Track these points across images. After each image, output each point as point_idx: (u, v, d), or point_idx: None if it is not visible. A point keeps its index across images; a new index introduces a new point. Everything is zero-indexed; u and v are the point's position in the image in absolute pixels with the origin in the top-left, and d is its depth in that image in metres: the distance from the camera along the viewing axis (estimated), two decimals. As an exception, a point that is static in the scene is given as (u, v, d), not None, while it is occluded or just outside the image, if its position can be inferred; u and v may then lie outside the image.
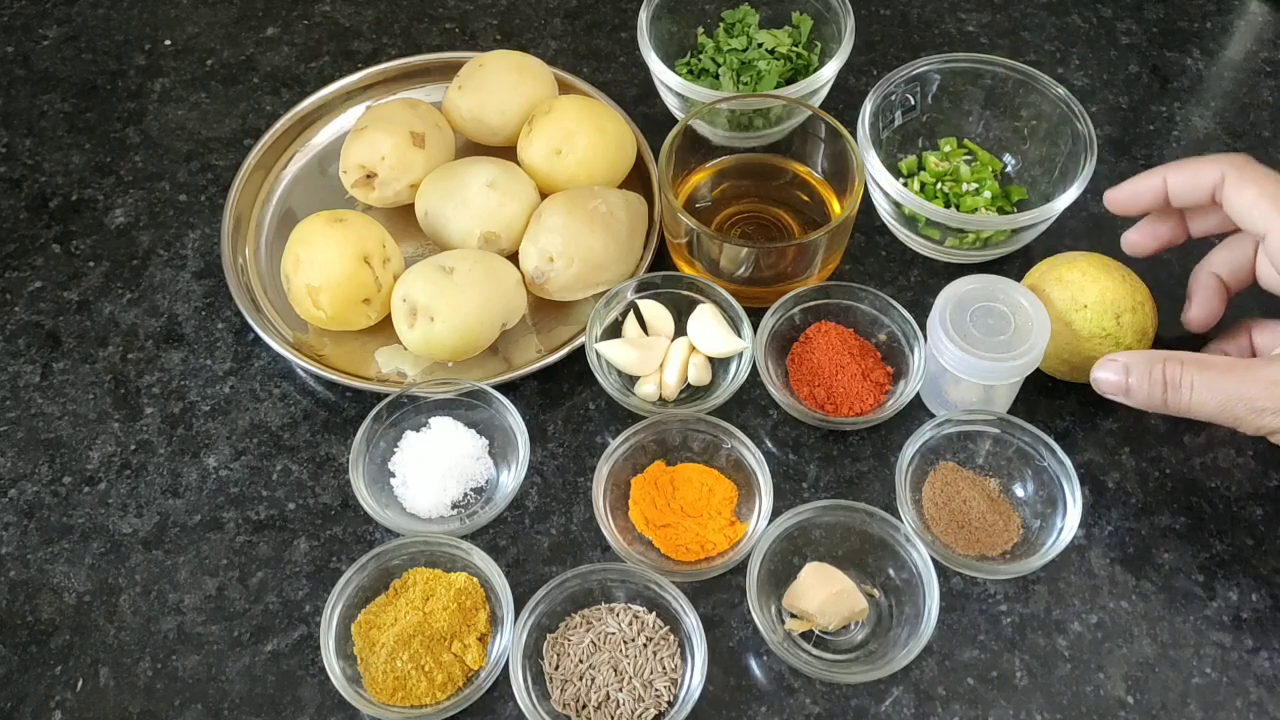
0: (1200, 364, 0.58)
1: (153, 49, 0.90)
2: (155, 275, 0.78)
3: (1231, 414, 0.58)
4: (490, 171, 0.73)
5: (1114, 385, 0.61)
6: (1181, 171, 0.64)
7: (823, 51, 0.82)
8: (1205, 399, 0.58)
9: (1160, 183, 0.65)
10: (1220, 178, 0.62)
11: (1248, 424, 0.57)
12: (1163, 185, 0.65)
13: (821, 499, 0.64)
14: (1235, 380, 0.57)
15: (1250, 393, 0.56)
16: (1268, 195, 0.60)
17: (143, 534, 0.67)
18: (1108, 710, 0.60)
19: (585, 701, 0.59)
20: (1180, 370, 0.59)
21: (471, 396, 0.68)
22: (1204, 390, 0.58)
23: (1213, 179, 0.63)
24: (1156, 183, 0.65)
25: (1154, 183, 0.65)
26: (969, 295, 0.65)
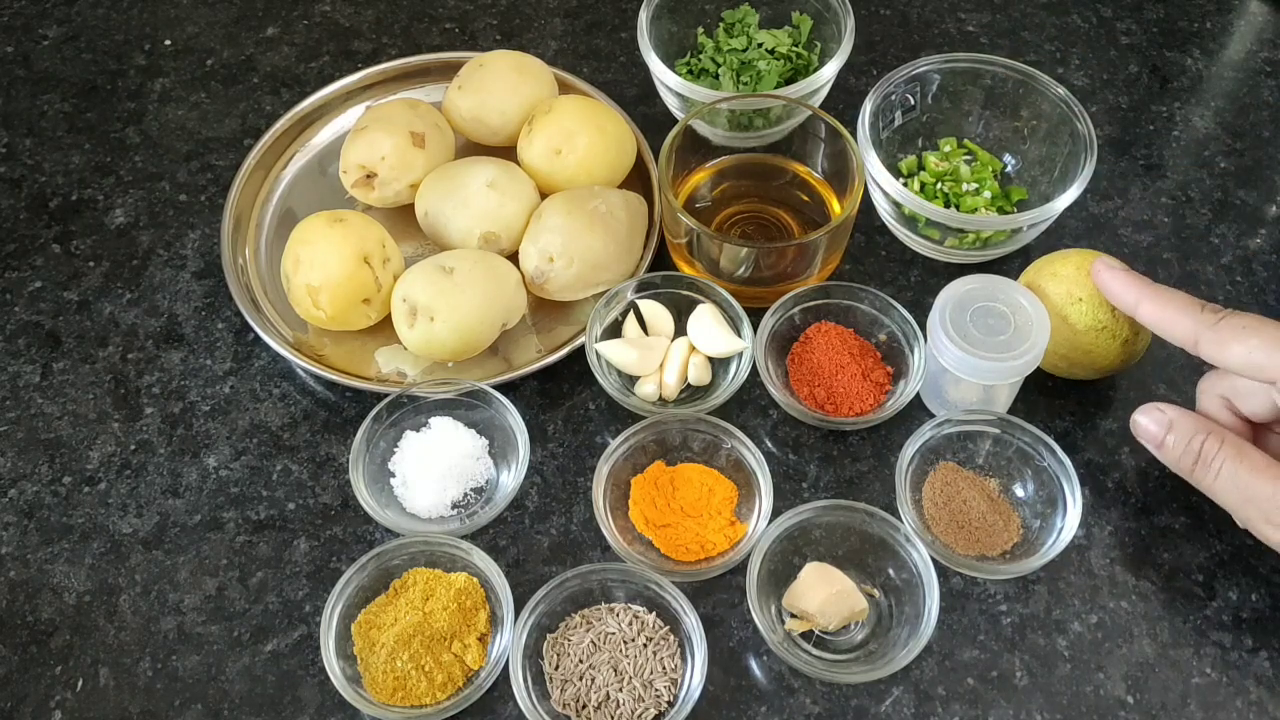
0: (1238, 451, 0.56)
1: (153, 49, 0.90)
2: (155, 275, 0.78)
3: (1245, 515, 0.56)
4: (490, 171, 0.73)
5: (1151, 436, 0.60)
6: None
7: (823, 51, 0.82)
8: (1228, 490, 0.56)
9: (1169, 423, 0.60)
10: (1194, 341, 0.58)
11: (1257, 530, 0.56)
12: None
13: (821, 499, 0.64)
14: (1262, 485, 0.55)
15: (1268, 504, 0.54)
16: (1256, 349, 0.55)
17: (143, 534, 0.67)
18: (1108, 710, 0.60)
19: (585, 701, 0.59)
20: (1217, 450, 0.56)
21: (471, 396, 0.68)
22: (1229, 480, 0.56)
23: (1187, 342, 0.59)
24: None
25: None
26: (969, 295, 0.65)
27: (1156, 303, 0.60)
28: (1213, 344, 0.57)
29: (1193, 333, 0.58)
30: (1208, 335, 0.57)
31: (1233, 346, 0.56)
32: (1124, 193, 0.80)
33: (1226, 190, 0.80)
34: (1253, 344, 0.55)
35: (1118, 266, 0.62)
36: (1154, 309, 0.60)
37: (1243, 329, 0.56)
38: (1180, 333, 0.58)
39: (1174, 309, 0.59)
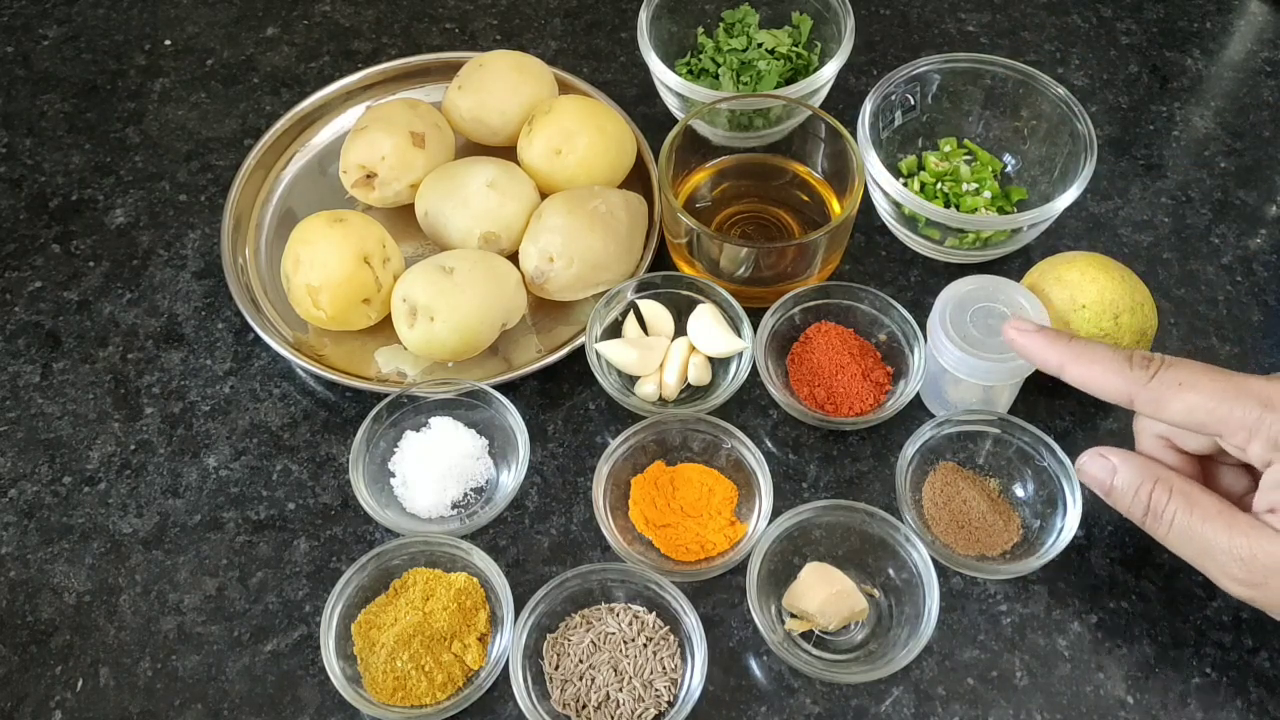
0: (1188, 500, 0.53)
1: (153, 49, 0.90)
2: (155, 275, 0.78)
3: (1202, 566, 0.53)
4: (490, 171, 0.73)
5: (1098, 484, 0.57)
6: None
7: (823, 51, 0.82)
8: (1182, 543, 0.53)
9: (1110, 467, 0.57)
10: (1128, 400, 0.55)
11: (1217, 582, 0.53)
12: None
13: (821, 499, 0.64)
14: (1214, 534, 0.52)
15: (1224, 557, 0.51)
16: (1196, 406, 0.53)
17: (143, 534, 0.67)
18: (1108, 710, 0.60)
19: (585, 701, 0.59)
20: (1167, 500, 0.53)
21: (471, 396, 0.68)
22: (1182, 533, 0.53)
23: (1121, 401, 0.55)
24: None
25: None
26: (969, 295, 0.65)
27: (1081, 363, 0.56)
28: (1149, 404, 0.54)
29: (1126, 392, 0.54)
30: (1142, 395, 0.54)
31: (1171, 405, 0.53)
32: (1124, 193, 0.80)
33: (1226, 190, 0.80)
34: (1191, 401, 0.52)
35: (1030, 328, 0.58)
36: (1081, 370, 0.56)
37: (1179, 385, 0.53)
38: (1112, 393, 0.55)
39: (1101, 368, 0.55)
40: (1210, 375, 0.53)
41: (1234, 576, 0.50)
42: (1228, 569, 0.50)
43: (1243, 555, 0.50)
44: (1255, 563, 0.49)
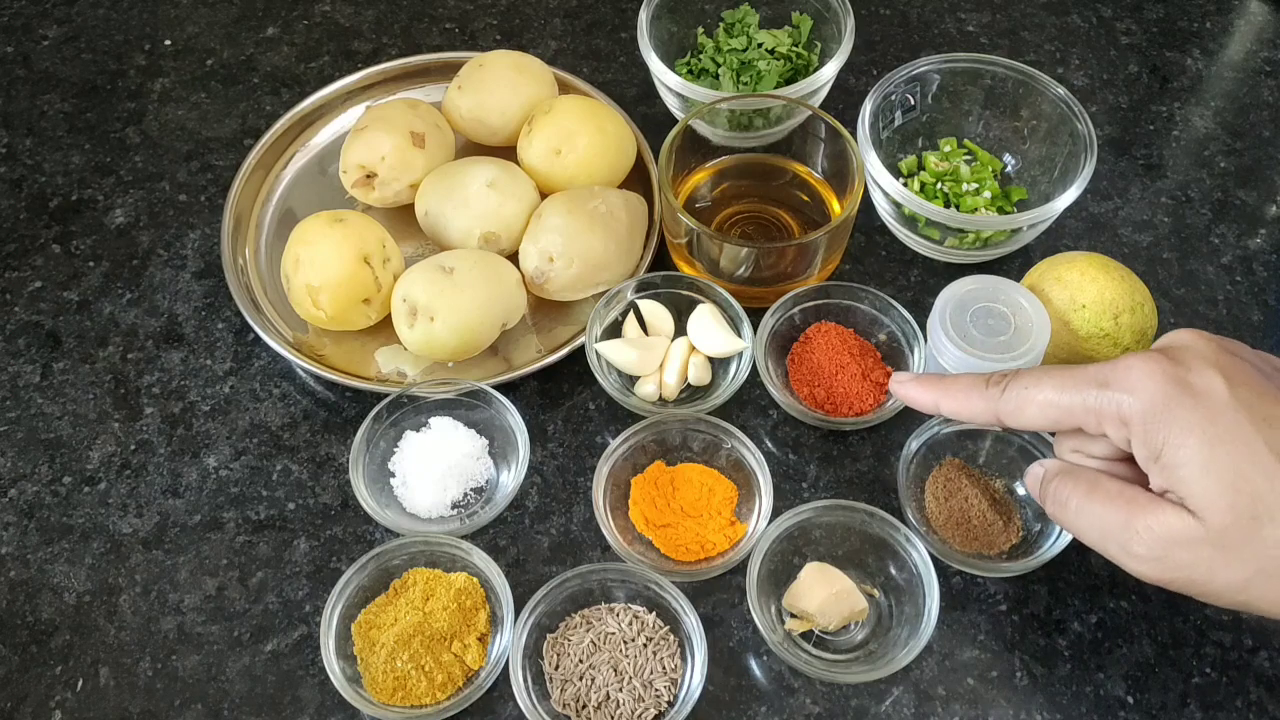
0: (1091, 486, 0.53)
1: (153, 49, 0.90)
2: (155, 275, 0.78)
3: (1105, 549, 0.52)
4: (490, 171, 0.73)
5: (1033, 491, 0.57)
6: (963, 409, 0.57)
7: (823, 51, 0.82)
8: (1084, 526, 0.53)
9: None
10: (996, 420, 0.55)
11: (1122, 562, 0.51)
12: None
13: (821, 499, 0.64)
14: (1113, 514, 0.51)
15: (1125, 534, 0.50)
16: (1047, 405, 0.53)
17: (143, 534, 0.67)
18: (1108, 710, 0.60)
19: (585, 701, 0.59)
20: (1070, 489, 0.53)
21: (471, 396, 0.68)
22: (1081, 515, 0.53)
23: (991, 422, 0.56)
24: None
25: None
26: (969, 295, 0.65)
27: (949, 396, 0.58)
28: (1011, 416, 0.54)
29: (990, 412, 0.55)
30: (1003, 410, 0.55)
31: (1027, 411, 0.54)
32: (1124, 193, 0.80)
33: (1226, 190, 0.80)
34: (1041, 400, 0.53)
35: (906, 378, 0.61)
36: (951, 403, 0.57)
37: (1025, 390, 0.54)
38: (980, 416, 0.56)
39: (964, 396, 0.57)
40: (1052, 373, 0.54)
41: (1136, 554, 0.50)
42: (1130, 546, 0.50)
43: (1140, 530, 0.49)
44: (1153, 535, 0.49)
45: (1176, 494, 0.49)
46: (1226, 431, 0.48)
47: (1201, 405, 0.48)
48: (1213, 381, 0.49)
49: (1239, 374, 0.50)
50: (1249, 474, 0.47)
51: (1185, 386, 0.49)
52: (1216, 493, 0.47)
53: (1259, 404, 0.48)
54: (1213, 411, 0.48)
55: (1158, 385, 0.49)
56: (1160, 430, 0.49)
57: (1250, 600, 0.48)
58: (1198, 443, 0.48)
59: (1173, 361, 0.50)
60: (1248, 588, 0.48)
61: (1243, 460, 0.47)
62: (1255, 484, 0.47)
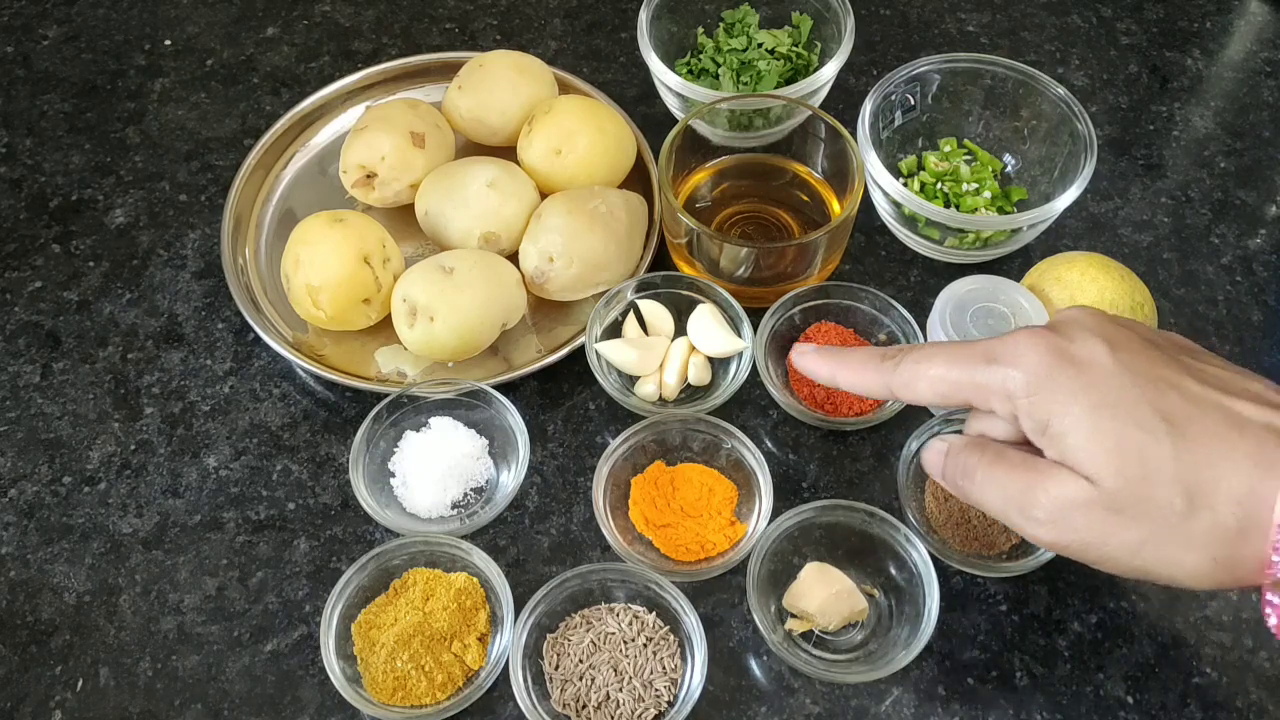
0: (996, 456, 0.52)
1: (153, 49, 0.90)
2: (155, 275, 0.78)
3: (1007, 517, 0.52)
4: (490, 171, 0.73)
5: (932, 466, 0.57)
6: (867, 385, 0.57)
7: (823, 51, 0.82)
8: (988, 494, 0.52)
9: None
10: (889, 392, 0.55)
11: (1021, 529, 0.51)
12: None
13: (821, 499, 0.64)
14: (1014, 481, 0.51)
15: (1025, 500, 0.50)
16: (938, 378, 0.53)
17: (143, 534, 0.67)
18: (1108, 710, 0.60)
19: (585, 701, 0.59)
20: (976, 459, 0.53)
21: (471, 396, 0.68)
22: (986, 483, 0.52)
23: (884, 394, 0.56)
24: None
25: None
26: (969, 295, 0.65)
27: (846, 368, 0.58)
28: (903, 389, 0.54)
29: (883, 384, 0.55)
30: (895, 382, 0.55)
31: (917, 385, 0.54)
32: (1124, 193, 0.80)
33: (1226, 190, 0.80)
34: (932, 375, 0.53)
35: (807, 349, 0.60)
36: (848, 375, 0.57)
37: (917, 364, 0.54)
38: (874, 388, 0.56)
39: (859, 368, 0.57)
40: (944, 348, 0.54)
41: (1036, 518, 0.50)
42: (1030, 512, 0.50)
43: (1039, 495, 0.49)
44: (1050, 500, 0.49)
45: (1068, 462, 0.49)
46: (1110, 396, 0.48)
47: (1084, 373, 0.49)
48: (1095, 349, 0.49)
49: (1123, 340, 0.50)
50: (1135, 436, 0.47)
51: (1067, 357, 0.49)
52: (1104, 457, 0.47)
53: (1143, 366, 0.49)
54: (1095, 378, 0.48)
55: (1040, 357, 0.49)
56: (1044, 401, 0.49)
57: (1147, 564, 0.48)
58: (1082, 410, 0.48)
59: (1056, 334, 0.50)
60: (1142, 549, 0.48)
61: (1127, 423, 0.47)
62: (1142, 445, 0.47)
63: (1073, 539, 0.49)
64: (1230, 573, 0.47)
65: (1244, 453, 0.46)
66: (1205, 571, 0.47)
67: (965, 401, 0.53)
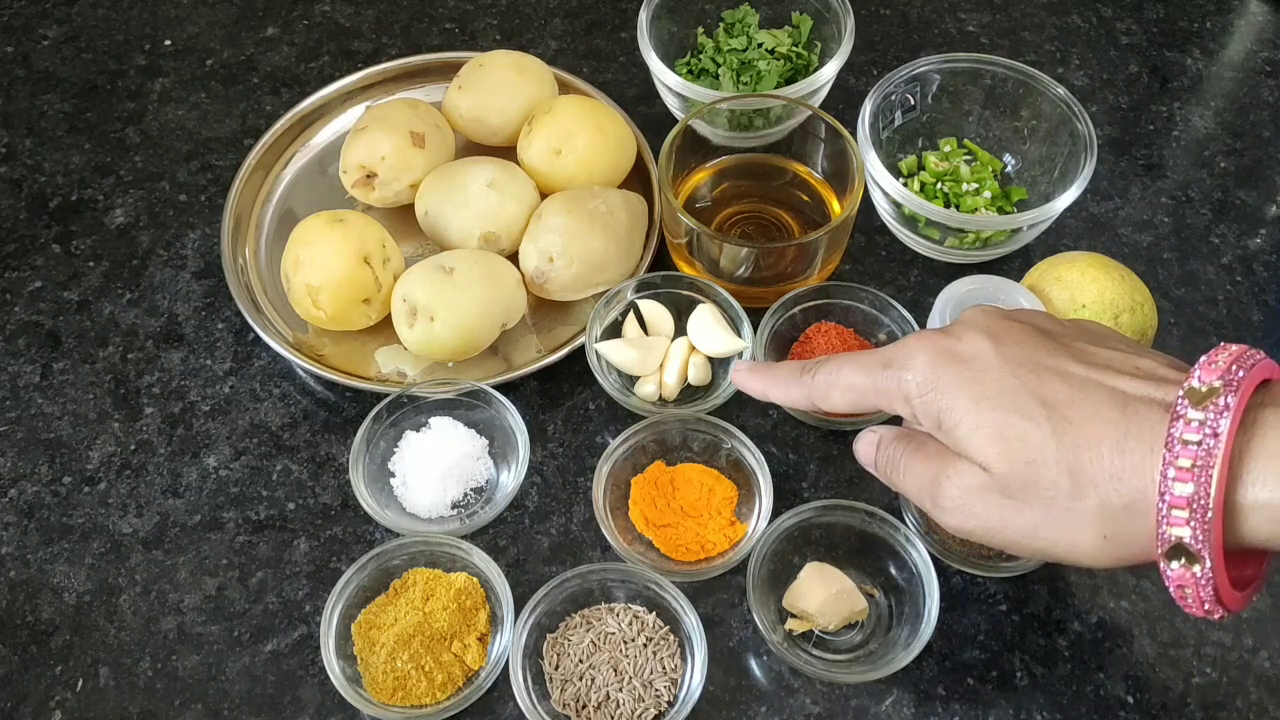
0: (918, 446, 0.54)
1: (153, 49, 0.90)
2: (155, 275, 0.78)
3: (923, 504, 0.53)
4: (490, 171, 0.73)
5: (866, 458, 0.58)
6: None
7: (823, 51, 0.82)
8: (908, 484, 0.54)
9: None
10: (810, 404, 0.57)
11: (933, 514, 0.53)
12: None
13: (821, 499, 0.64)
14: (931, 469, 0.52)
15: (935, 488, 0.52)
16: (848, 388, 0.55)
17: (143, 534, 0.67)
18: (1108, 710, 0.60)
19: (585, 701, 0.59)
20: (901, 450, 0.55)
21: (471, 396, 0.68)
22: (906, 473, 0.54)
23: (808, 407, 0.58)
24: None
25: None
26: (969, 295, 0.65)
27: (775, 383, 0.60)
28: (821, 400, 0.56)
29: (804, 396, 0.57)
30: (814, 395, 0.57)
31: (832, 395, 0.56)
32: (1124, 193, 0.80)
33: (1226, 190, 0.80)
34: (842, 384, 0.55)
35: (743, 367, 0.63)
36: (777, 390, 0.60)
37: (830, 375, 0.56)
38: (799, 402, 0.58)
39: (784, 383, 0.59)
40: (852, 357, 0.56)
41: (942, 505, 0.51)
42: (937, 499, 0.51)
43: (943, 483, 0.51)
44: (953, 486, 0.51)
45: (963, 452, 0.50)
46: (991, 386, 0.49)
47: (968, 368, 0.50)
48: (979, 344, 0.51)
49: (1008, 333, 0.51)
50: (1016, 424, 0.48)
51: (953, 354, 0.51)
52: (991, 445, 0.49)
53: (1025, 356, 0.50)
54: (978, 371, 0.50)
55: (928, 357, 0.52)
56: (934, 398, 0.51)
57: (1044, 545, 0.49)
58: (967, 402, 0.50)
59: (944, 334, 0.52)
60: (1037, 531, 0.49)
61: (1008, 410, 0.49)
62: (1024, 431, 0.48)
63: (975, 524, 0.51)
64: (1125, 548, 0.47)
65: (1123, 430, 0.47)
66: (1101, 549, 0.48)
67: (873, 406, 0.55)
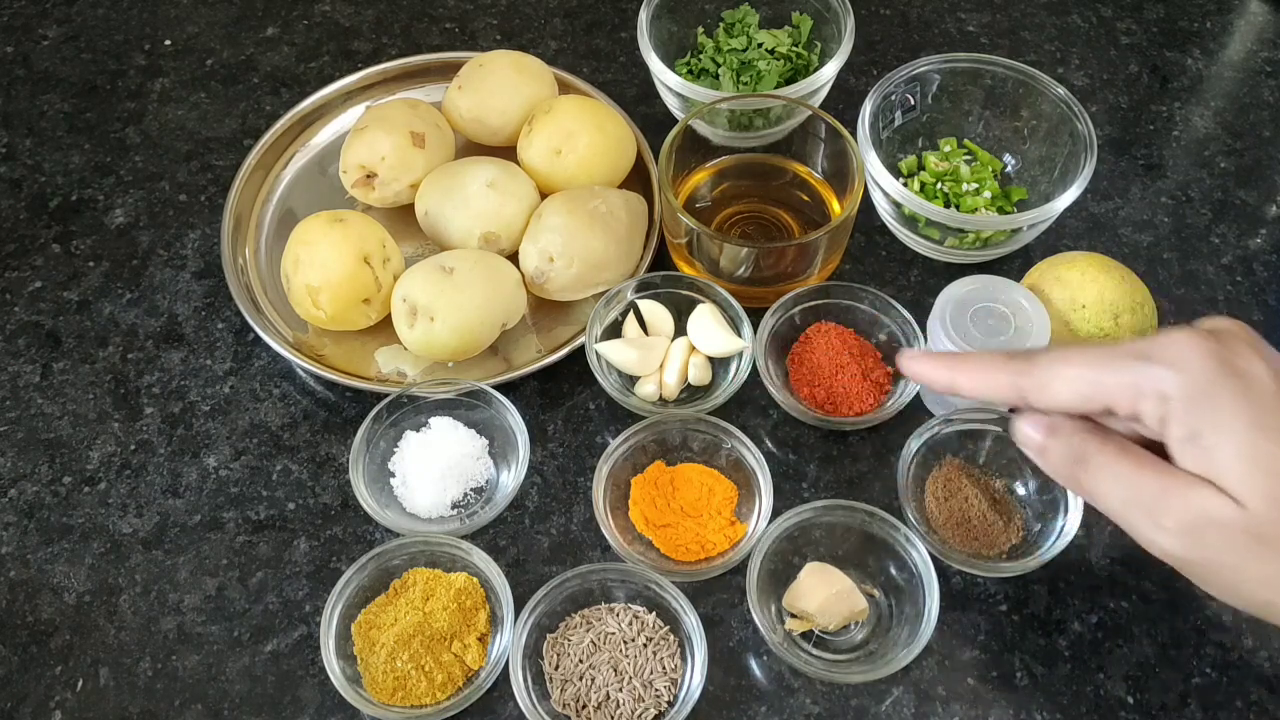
0: (1122, 448, 0.49)
1: (153, 49, 0.90)
2: (155, 275, 0.78)
3: (1129, 519, 0.48)
4: (490, 171, 0.73)
5: (1033, 441, 0.52)
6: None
7: (823, 51, 0.82)
8: (1110, 490, 0.49)
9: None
10: (1018, 395, 0.51)
11: (1143, 536, 0.48)
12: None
13: (821, 499, 0.64)
14: (1146, 480, 0.47)
15: (1156, 504, 0.47)
16: (1077, 377, 0.50)
17: (143, 534, 0.67)
18: (1108, 710, 0.60)
19: (585, 701, 0.59)
20: (1096, 446, 0.50)
21: (471, 396, 0.68)
22: (1111, 478, 0.49)
23: (1013, 399, 0.52)
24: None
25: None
26: (969, 295, 0.65)
27: (968, 372, 0.54)
28: (1036, 390, 0.51)
29: (1013, 386, 0.52)
30: (1027, 384, 0.51)
31: (1054, 386, 0.50)
32: (1124, 193, 0.80)
33: (1226, 190, 0.80)
34: (1071, 375, 0.50)
35: (917, 353, 0.57)
36: (970, 378, 0.54)
37: (1053, 364, 0.50)
38: (1002, 392, 0.52)
39: (986, 370, 0.53)
40: (1082, 348, 0.51)
41: (1166, 527, 0.46)
42: (1160, 519, 0.47)
43: (1175, 503, 0.47)
44: (1188, 510, 0.46)
45: (1214, 478, 0.46)
46: (1272, 419, 0.46)
47: (1250, 391, 0.46)
48: (1258, 367, 0.47)
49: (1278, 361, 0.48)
50: None
51: (1232, 368, 0.46)
52: (1260, 481, 0.45)
53: None
54: (1260, 398, 0.46)
55: (1203, 363, 0.46)
56: (1203, 410, 0.46)
57: (1273, 599, 0.46)
58: (1244, 427, 0.45)
59: (1212, 338, 0.47)
60: (1273, 582, 0.45)
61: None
62: None
63: (1202, 556, 0.46)
64: None
65: None
66: None
67: (1107, 404, 0.49)
